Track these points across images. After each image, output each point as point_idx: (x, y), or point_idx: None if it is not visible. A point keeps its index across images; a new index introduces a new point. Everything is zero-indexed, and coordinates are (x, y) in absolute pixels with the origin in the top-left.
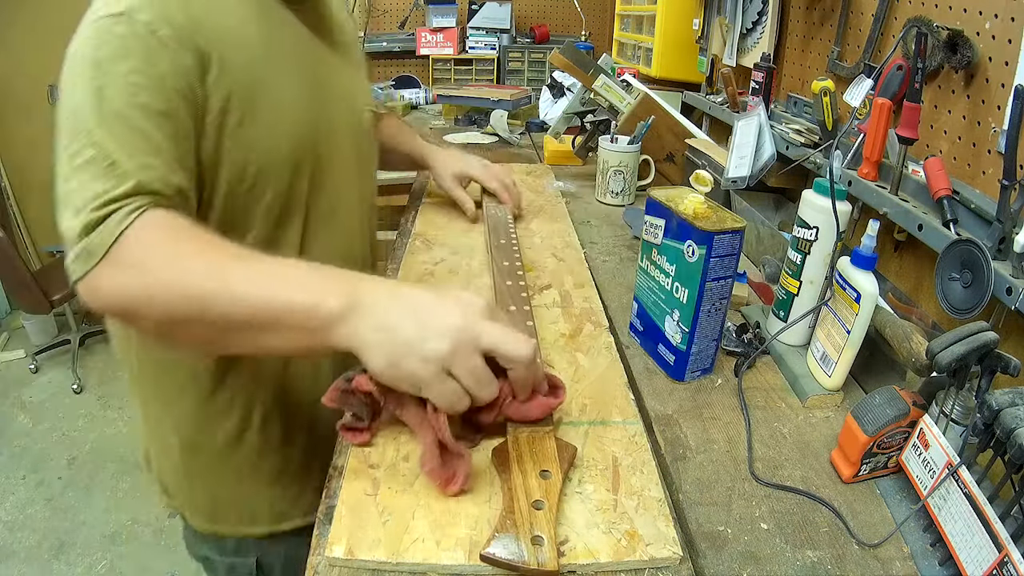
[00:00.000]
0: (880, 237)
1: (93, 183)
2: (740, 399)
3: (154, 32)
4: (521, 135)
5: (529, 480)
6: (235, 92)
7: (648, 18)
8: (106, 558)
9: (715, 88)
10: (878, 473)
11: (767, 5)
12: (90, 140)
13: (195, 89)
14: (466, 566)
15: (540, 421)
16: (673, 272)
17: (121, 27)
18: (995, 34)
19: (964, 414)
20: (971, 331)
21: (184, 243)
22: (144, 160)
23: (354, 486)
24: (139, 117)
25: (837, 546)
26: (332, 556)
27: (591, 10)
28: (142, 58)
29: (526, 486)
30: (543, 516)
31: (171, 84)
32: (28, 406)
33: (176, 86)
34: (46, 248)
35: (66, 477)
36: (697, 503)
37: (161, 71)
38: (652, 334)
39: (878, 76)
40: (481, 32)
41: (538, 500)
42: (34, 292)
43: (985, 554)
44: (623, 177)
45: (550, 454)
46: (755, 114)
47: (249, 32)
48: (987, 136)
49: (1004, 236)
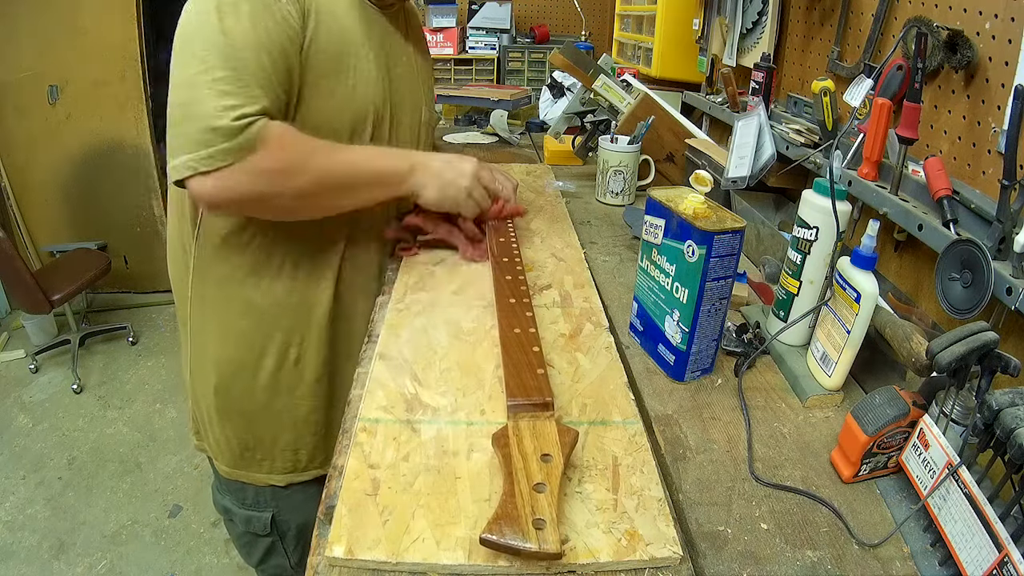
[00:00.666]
0: (880, 237)
1: (226, 98)
2: (740, 399)
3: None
4: (521, 135)
5: (530, 464)
6: (323, 50)
7: (648, 18)
8: (106, 558)
9: (715, 88)
10: (878, 473)
11: (767, 5)
12: (225, 60)
13: (299, 35)
14: (466, 566)
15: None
16: (673, 272)
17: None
18: (995, 34)
19: (964, 414)
20: (971, 331)
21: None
22: (267, 86)
23: (354, 486)
24: (267, 50)
25: (837, 546)
26: (332, 556)
27: (591, 10)
28: (261, 3)
29: (527, 469)
30: (544, 499)
31: (284, 28)
32: (28, 406)
33: (287, 31)
34: (46, 248)
35: (66, 477)
36: (697, 503)
37: (276, 16)
38: (652, 334)
39: (878, 76)
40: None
41: (539, 483)
42: (34, 292)
43: (985, 554)
44: (623, 177)
45: (551, 438)
46: (755, 114)
47: (342, 9)
48: (987, 136)
49: (1004, 236)
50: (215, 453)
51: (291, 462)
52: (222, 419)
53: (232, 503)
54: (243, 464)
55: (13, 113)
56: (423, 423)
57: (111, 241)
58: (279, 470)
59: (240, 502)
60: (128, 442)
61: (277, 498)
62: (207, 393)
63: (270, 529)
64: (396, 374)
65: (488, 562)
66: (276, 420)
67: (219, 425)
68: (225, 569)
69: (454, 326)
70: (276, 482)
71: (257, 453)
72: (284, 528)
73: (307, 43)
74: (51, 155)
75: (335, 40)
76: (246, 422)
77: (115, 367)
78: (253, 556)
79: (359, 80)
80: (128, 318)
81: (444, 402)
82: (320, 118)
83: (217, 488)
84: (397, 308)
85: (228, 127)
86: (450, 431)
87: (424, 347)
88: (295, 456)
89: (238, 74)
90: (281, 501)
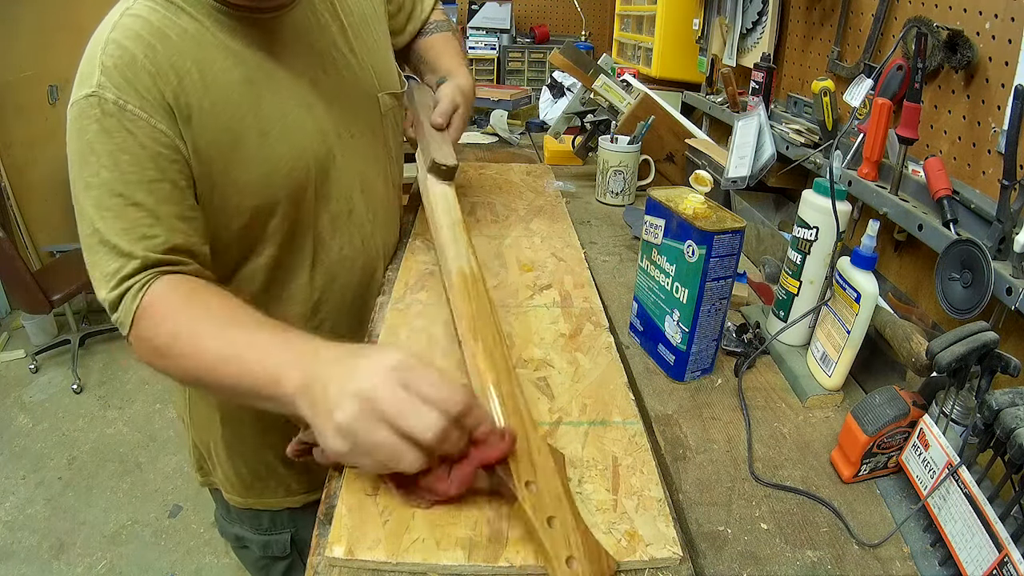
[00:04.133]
0: (880, 237)
1: (106, 263)
2: (740, 399)
3: (123, 107)
4: (521, 135)
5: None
6: (216, 138)
7: (648, 18)
8: (106, 558)
9: (715, 88)
10: (878, 473)
11: (767, 5)
12: (92, 227)
13: (177, 145)
14: (466, 566)
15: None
16: (673, 272)
17: (95, 109)
18: (995, 34)
19: (964, 414)
20: (971, 331)
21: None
22: (144, 234)
23: (354, 486)
24: (133, 190)
25: (837, 546)
26: (332, 556)
27: (591, 10)
28: (121, 134)
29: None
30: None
31: (153, 150)
32: (28, 406)
33: (158, 149)
34: (46, 248)
35: (66, 477)
36: (697, 503)
37: (141, 140)
38: (652, 334)
39: (878, 76)
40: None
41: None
42: (34, 292)
43: (985, 554)
44: (623, 177)
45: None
46: (755, 114)
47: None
48: (987, 136)
49: (1004, 236)
50: (226, 487)
51: (306, 483)
52: (231, 452)
53: (246, 531)
54: (256, 493)
55: (13, 113)
56: None
57: None
58: (296, 492)
59: (255, 528)
60: (128, 442)
61: (295, 518)
62: (213, 428)
63: (290, 550)
64: None
65: (488, 562)
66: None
67: (228, 458)
68: (225, 569)
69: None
70: (293, 504)
71: (271, 481)
72: (303, 545)
73: (191, 142)
74: (51, 155)
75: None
76: (256, 450)
77: (115, 367)
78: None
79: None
80: None
81: None
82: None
83: (224, 518)
84: (397, 308)
85: (110, 299)
86: None
87: (424, 347)
88: (310, 477)
89: (106, 234)
90: (299, 520)
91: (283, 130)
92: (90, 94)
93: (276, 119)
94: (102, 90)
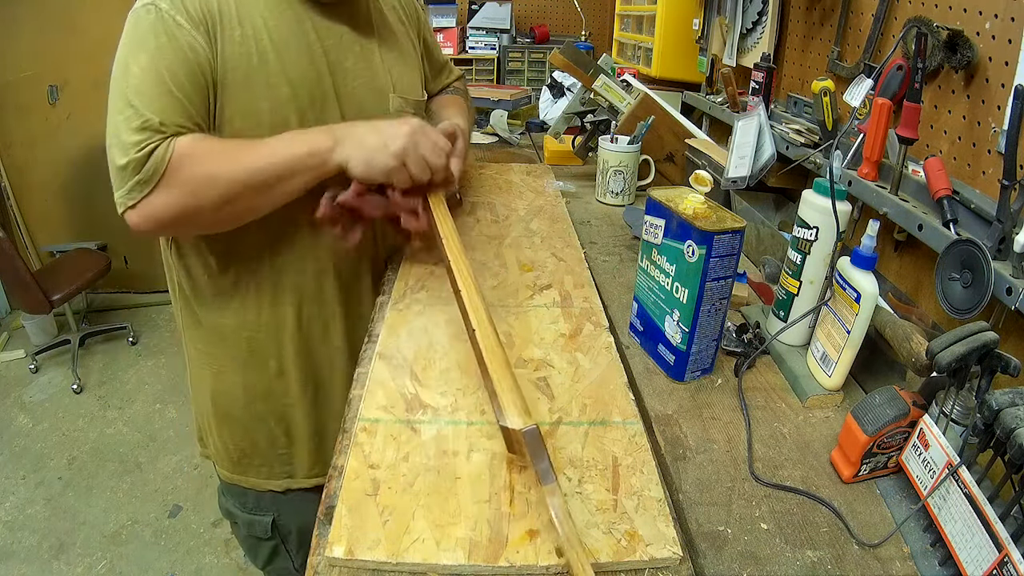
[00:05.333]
0: (880, 237)
1: (134, 134)
2: (740, 399)
3: (173, 18)
4: (521, 135)
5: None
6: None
7: (648, 18)
8: (106, 558)
9: (715, 88)
10: (878, 473)
11: (767, 5)
12: (128, 102)
13: (209, 59)
14: (466, 566)
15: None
16: (673, 272)
17: (151, 15)
18: (995, 34)
19: (964, 414)
20: (971, 331)
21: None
22: (175, 111)
23: (354, 486)
24: (167, 80)
25: (837, 546)
26: (332, 556)
27: (591, 10)
28: (166, 36)
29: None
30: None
31: (190, 56)
32: (28, 406)
33: (194, 57)
34: (46, 248)
35: (66, 477)
36: (697, 503)
37: (181, 45)
38: (652, 334)
39: (878, 76)
40: (481, 32)
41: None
42: (34, 292)
43: (985, 554)
44: (623, 177)
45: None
46: (755, 114)
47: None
48: (987, 136)
49: (1004, 236)
50: (216, 458)
51: (287, 470)
52: (220, 425)
53: (234, 507)
54: (241, 469)
55: (13, 113)
56: (423, 423)
57: (111, 241)
58: (277, 476)
59: (242, 506)
60: (128, 442)
61: (277, 503)
62: (206, 400)
63: (271, 533)
64: (396, 374)
65: (488, 562)
66: (269, 427)
67: (218, 431)
68: (225, 569)
69: (454, 326)
70: (274, 488)
71: (255, 459)
72: (285, 531)
73: (218, 61)
74: (51, 155)
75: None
76: (242, 428)
77: (115, 367)
78: (259, 559)
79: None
80: (128, 318)
81: (444, 402)
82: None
83: (221, 492)
84: (397, 308)
85: (135, 160)
86: (450, 431)
87: (424, 347)
88: (290, 464)
89: (140, 110)
90: (281, 506)
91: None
92: (148, 3)
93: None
94: (158, 2)
